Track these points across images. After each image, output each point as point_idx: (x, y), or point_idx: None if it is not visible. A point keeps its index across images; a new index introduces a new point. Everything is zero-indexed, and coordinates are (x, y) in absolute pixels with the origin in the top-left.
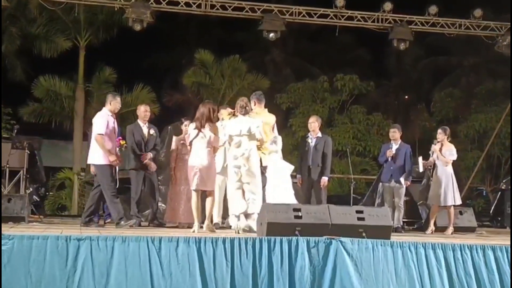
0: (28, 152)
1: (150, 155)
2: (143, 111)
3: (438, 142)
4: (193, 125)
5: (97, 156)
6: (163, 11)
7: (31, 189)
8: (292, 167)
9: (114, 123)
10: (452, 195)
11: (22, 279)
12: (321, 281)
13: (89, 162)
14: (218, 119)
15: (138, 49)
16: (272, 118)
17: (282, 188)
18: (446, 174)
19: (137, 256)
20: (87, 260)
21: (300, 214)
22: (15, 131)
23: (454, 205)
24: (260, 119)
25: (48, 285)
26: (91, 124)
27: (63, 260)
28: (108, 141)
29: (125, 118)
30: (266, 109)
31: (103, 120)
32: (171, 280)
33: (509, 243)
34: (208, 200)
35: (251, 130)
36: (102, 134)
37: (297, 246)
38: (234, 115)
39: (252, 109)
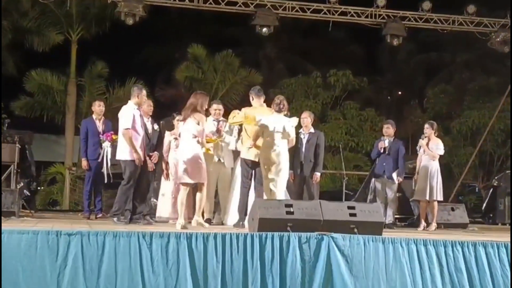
0: (19, 146)
1: (157, 155)
2: (147, 105)
3: (426, 137)
4: (180, 116)
5: (124, 151)
6: (155, 5)
7: (22, 184)
8: None
9: (141, 116)
10: (438, 190)
11: (12, 274)
12: (312, 277)
13: (117, 158)
14: (206, 111)
15: (130, 43)
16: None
17: None
18: (432, 169)
19: (128, 251)
20: (77, 255)
21: (291, 210)
22: (6, 125)
23: (438, 201)
24: (296, 118)
25: (39, 280)
26: (82, 118)
27: (53, 255)
28: (136, 136)
29: (117, 112)
30: (265, 104)
31: (129, 114)
32: (162, 275)
33: (500, 239)
34: (198, 194)
35: (286, 128)
36: (129, 129)
37: (288, 242)
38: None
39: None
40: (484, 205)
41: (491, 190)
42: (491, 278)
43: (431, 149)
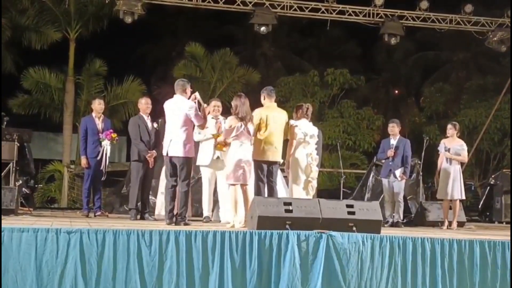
0: (18, 144)
1: (155, 153)
2: (145, 103)
3: (449, 136)
4: (235, 118)
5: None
6: (154, 3)
7: (20, 182)
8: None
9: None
10: (458, 189)
11: (12, 271)
12: (310, 275)
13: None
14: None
15: (128, 41)
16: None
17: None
18: (454, 169)
19: (127, 249)
20: (77, 253)
21: (290, 208)
22: (5, 123)
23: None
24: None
25: (38, 277)
26: (80, 116)
27: (53, 252)
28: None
29: (115, 110)
30: (275, 104)
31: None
32: (160, 273)
33: (497, 238)
34: (247, 194)
35: (315, 133)
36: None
37: (287, 239)
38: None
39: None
40: (481, 203)
41: (487, 189)
42: (488, 276)
43: (456, 149)
